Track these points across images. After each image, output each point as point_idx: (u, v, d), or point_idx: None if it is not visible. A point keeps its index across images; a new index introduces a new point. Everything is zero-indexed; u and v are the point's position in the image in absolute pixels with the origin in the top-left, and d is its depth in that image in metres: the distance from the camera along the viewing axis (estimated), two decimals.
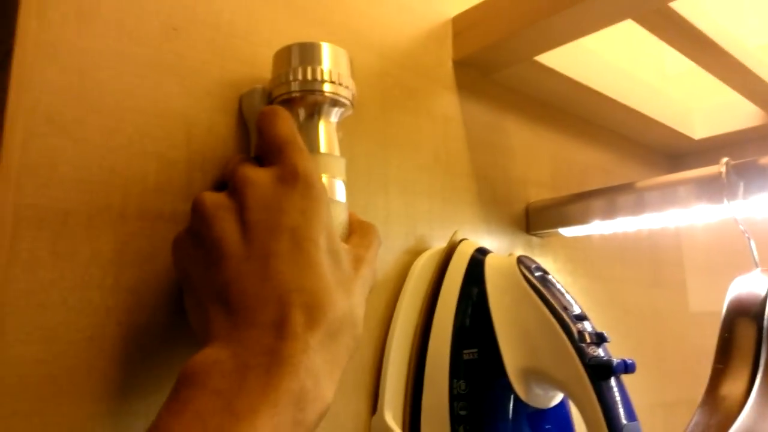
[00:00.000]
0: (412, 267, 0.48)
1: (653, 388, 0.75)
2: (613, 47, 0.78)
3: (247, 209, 0.29)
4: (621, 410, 0.39)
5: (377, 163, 0.48)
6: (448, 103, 0.56)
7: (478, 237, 0.56)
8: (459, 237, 0.50)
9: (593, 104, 0.70)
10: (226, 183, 0.32)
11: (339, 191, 0.36)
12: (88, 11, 0.33)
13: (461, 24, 0.56)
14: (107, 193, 0.32)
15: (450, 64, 0.56)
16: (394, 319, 0.46)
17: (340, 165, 0.37)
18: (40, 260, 0.30)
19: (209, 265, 0.29)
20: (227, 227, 0.29)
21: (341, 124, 0.39)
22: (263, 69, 0.40)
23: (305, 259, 0.28)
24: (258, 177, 0.31)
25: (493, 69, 0.59)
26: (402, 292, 0.47)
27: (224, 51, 0.39)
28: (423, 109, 0.53)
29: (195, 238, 0.30)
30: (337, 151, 0.37)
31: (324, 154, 0.36)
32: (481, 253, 0.48)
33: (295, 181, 0.30)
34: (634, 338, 0.74)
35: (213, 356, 0.25)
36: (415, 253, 0.49)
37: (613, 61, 0.70)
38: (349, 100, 0.37)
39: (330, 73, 0.36)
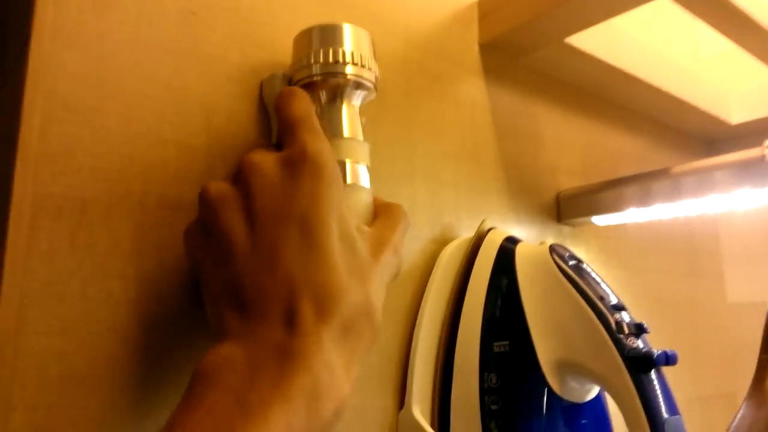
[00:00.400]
0: (439, 257, 0.46)
1: (690, 381, 0.72)
2: (645, 30, 0.75)
3: (253, 196, 0.28)
4: (662, 404, 0.37)
5: (402, 151, 0.47)
6: (474, 88, 0.54)
7: (507, 226, 0.54)
8: (487, 226, 0.49)
9: (626, 88, 0.67)
10: None
11: (363, 176, 0.35)
12: None
13: (487, 5, 0.54)
14: (126, 181, 0.32)
15: (476, 47, 0.55)
16: (421, 310, 0.44)
17: (364, 149, 0.36)
18: (59, 250, 0.29)
19: (218, 258, 0.28)
20: (233, 217, 0.28)
21: (364, 109, 0.38)
22: (284, 54, 0.39)
23: (315, 248, 0.27)
24: (264, 161, 0.29)
25: (522, 52, 0.57)
26: (429, 283, 0.45)
27: (244, 36, 0.38)
28: (449, 95, 0.52)
29: (203, 228, 0.29)
30: (360, 136, 0.36)
31: (347, 138, 0.35)
32: (511, 242, 0.46)
33: (303, 162, 0.28)
34: (670, 330, 0.72)
35: (225, 352, 0.25)
36: (442, 242, 0.48)
37: (646, 43, 0.68)
38: (372, 82, 0.36)
39: (352, 54, 0.35)
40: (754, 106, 0.78)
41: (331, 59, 0.34)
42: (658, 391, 0.37)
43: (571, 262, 0.43)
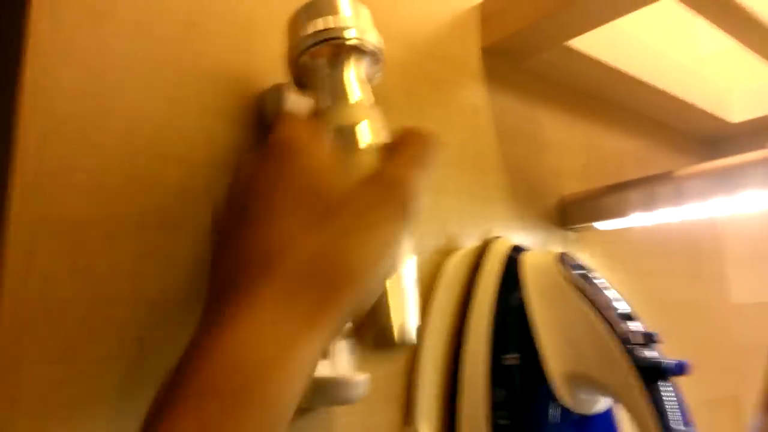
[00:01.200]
0: (443, 267, 0.46)
1: (696, 385, 0.72)
2: (644, 28, 0.75)
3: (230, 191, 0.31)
4: (675, 415, 0.36)
5: None
6: (476, 93, 0.53)
7: (511, 234, 0.53)
8: (492, 235, 0.48)
9: (625, 88, 0.66)
10: None
11: (364, 135, 0.33)
12: (102, 10, 0.32)
13: (489, 9, 0.53)
14: (125, 201, 0.31)
15: (478, 52, 0.54)
16: (425, 322, 0.43)
17: (367, 112, 0.33)
18: (58, 274, 0.28)
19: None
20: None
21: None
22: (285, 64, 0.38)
23: (264, 212, 0.27)
24: (248, 159, 0.31)
25: (524, 56, 0.56)
26: (433, 295, 0.44)
27: (244, 46, 0.37)
28: (450, 101, 0.51)
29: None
30: (366, 99, 0.34)
31: (349, 104, 0.33)
32: (517, 251, 0.46)
33: (272, 148, 0.29)
34: (675, 335, 0.71)
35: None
36: (446, 252, 0.47)
37: (645, 42, 0.67)
38: (373, 48, 0.34)
39: (349, 20, 0.33)
40: (755, 105, 0.78)
41: (329, 25, 0.33)
42: (671, 402, 0.37)
43: (579, 272, 0.42)
